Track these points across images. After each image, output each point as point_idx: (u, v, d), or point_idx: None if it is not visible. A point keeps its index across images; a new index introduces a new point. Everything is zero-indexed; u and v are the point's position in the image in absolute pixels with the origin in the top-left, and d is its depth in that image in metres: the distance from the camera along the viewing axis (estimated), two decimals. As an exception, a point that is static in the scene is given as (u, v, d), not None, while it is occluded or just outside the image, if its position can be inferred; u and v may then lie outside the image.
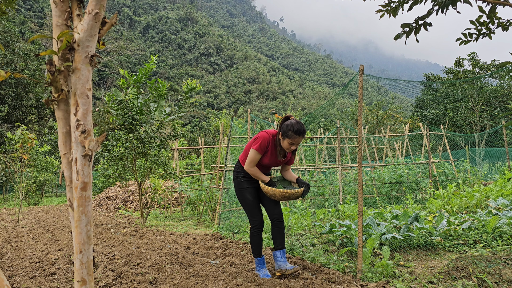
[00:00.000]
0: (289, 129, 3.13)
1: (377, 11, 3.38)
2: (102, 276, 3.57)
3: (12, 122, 22.72)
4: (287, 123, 3.18)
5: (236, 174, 3.57)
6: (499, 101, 21.78)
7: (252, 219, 3.46)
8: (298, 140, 3.16)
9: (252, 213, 3.45)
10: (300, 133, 3.12)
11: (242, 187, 3.51)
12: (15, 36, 22.65)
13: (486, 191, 6.46)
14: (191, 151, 22.69)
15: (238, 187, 3.54)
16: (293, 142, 3.15)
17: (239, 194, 3.54)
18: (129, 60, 74.59)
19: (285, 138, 3.17)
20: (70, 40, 1.14)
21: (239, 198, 3.55)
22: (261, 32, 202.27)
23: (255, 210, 3.45)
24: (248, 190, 3.49)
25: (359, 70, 3.54)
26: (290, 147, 3.20)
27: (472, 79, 23.19)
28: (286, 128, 3.15)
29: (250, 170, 3.35)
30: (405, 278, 3.26)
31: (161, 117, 7.50)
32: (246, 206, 3.48)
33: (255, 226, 3.43)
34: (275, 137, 3.32)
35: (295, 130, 3.11)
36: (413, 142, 16.51)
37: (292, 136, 3.12)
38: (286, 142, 3.18)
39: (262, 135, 3.28)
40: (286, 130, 3.15)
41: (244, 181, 3.51)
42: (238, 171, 3.56)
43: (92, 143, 1.15)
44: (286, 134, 3.15)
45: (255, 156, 3.29)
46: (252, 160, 3.30)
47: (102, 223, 8.09)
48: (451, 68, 25.38)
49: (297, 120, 3.19)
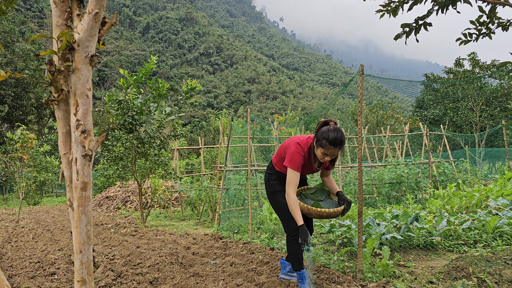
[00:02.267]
0: (324, 137, 2.69)
1: (377, 11, 3.37)
2: (102, 276, 3.57)
3: (12, 122, 22.72)
4: (323, 130, 2.74)
5: (268, 176, 3.24)
6: (499, 101, 21.78)
7: (287, 225, 3.02)
8: (333, 152, 2.71)
9: (285, 219, 3.04)
10: (335, 144, 2.66)
11: (275, 190, 3.16)
12: (15, 36, 22.65)
13: (486, 191, 6.46)
14: (191, 151, 22.69)
15: (270, 190, 3.20)
16: (326, 153, 2.73)
17: (271, 198, 3.19)
18: (129, 60, 74.57)
19: (318, 147, 2.77)
20: (70, 40, 1.14)
21: (271, 202, 3.20)
22: (261, 32, 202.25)
23: (289, 216, 3.00)
24: (282, 193, 3.10)
25: (359, 70, 3.53)
26: (324, 158, 2.78)
27: (472, 79, 23.20)
28: (321, 135, 2.73)
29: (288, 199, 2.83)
30: (405, 278, 3.26)
31: (161, 117, 7.50)
32: (280, 211, 3.09)
33: (291, 233, 2.99)
34: (310, 146, 2.91)
35: (330, 140, 2.66)
36: (413, 142, 16.50)
37: (326, 146, 2.70)
38: (320, 152, 2.77)
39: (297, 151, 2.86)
40: (320, 137, 2.73)
41: (277, 184, 3.18)
42: (270, 173, 3.23)
43: (92, 143, 1.15)
44: (319, 143, 2.74)
45: (294, 178, 2.84)
46: (292, 182, 2.85)
47: (102, 223, 8.09)
48: (451, 68, 25.38)
49: (335, 127, 2.71)
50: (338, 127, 2.72)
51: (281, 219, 3.09)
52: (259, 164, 10.99)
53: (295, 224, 2.93)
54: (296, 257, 2.99)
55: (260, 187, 8.70)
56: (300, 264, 3.00)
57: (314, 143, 2.82)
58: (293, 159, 2.85)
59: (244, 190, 8.13)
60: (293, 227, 2.96)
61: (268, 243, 4.91)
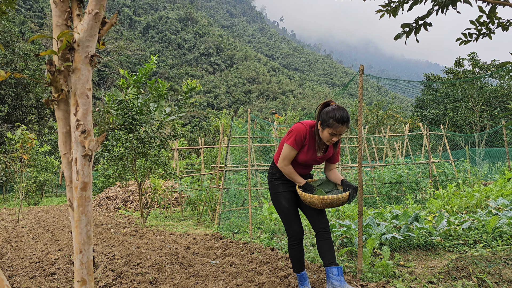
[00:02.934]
0: (330, 116, 2.66)
1: (377, 11, 3.38)
2: (102, 276, 3.57)
3: (12, 122, 22.72)
4: (327, 110, 2.71)
5: (271, 176, 3.10)
6: (499, 101, 21.78)
7: (288, 229, 2.95)
8: (341, 130, 2.67)
9: (287, 222, 2.95)
10: (343, 121, 2.65)
11: (277, 191, 3.03)
12: (15, 36, 22.65)
13: (486, 191, 6.46)
14: (191, 151, 22.69)
15: (273, 191, 3.06)
16: (334, 132, 2.68)
17: (274, 200, 3.06)
18: (129, 60, 74.58)
19: (325, 128, 2.70)
20: (70, 40, 1.14)
21: (274, 203, 3.07)
22: (261, 32, 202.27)
23: (291, 219, 2.94)
24: (284, 195, 3.00)
25: (359, 70, 3.53)
26: (331, 139, 2.72)
27: (472, 79, 23.20)
28: (326, 115, 2.68)
29: (284, 169, 2.87)
30: (405, 278, 3.26)
31: (161, 117, 7.50)
32: (281, 214, 2.99)
33: (292, 237, 2.94)
34: (313, 128, 2.84)
35: (338, 118, 2.63)
36: (413, 142, 16.50)
37: (334, 124, 2.65)
38: (326, 133, 2.70)
39: (297, 127, 2.81)
40: (326, 118, 2.68)
41: (279, 184, 3.02)
42: (272, 172, 3.10)
43: (92, 143, 1.15)
44: (326, 123, 2.68)
45: (290, 152, 2.82)
46: (286, 157, 2.84)
47: (102, 223, 8.09)
48: (451, 68, 25.39)
49: (338, 106, 2.72)
50: (340, 106, 2.72)
51: (283, 222, 3.01)
52: (259, 164, 10.99)
53: (297, 227, 2.92)
54: (296, 260, 2.96)
55: (260, 187, 8.70)
56: (300, 267, 2.97)
57: (319, 125, 2.75)
58: (292, 135, 2.80)
59: (244, 190, 8.13)
60: (295, 231, 2.92)
61: (268, 243, 4.92)
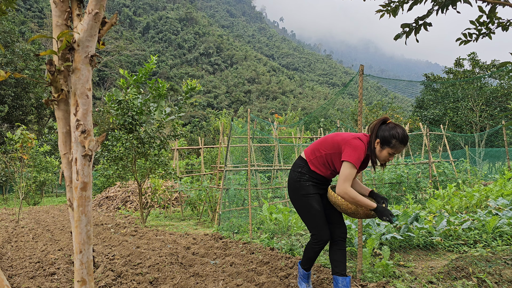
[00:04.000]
0: (394, 137, 2.52)
1: (377, 11, 3.38)
2: (102, 276, 3.57)
3: (12, 122, 22.72)
4: (389, 129, 2.55)
5: (299, 175, 2.80)
6: (499, 101, 21.78)
7: (318, 233, 2.75)
8: (401, 150, 2.58)
9: (318, 225, 2.75)
10: (406, 142, 2.55)
11: (308, 192, 2.76)
12: (15, 36, 22.65)
13: (486, 191, 6.46)
14: (191, 151, 22.69)
15: (301, 193, 2.78)
16: (394, 153, 2.57)
17: (301, 201, 2.79)
18: (129, 60, 74.60)
19: (385, 148, 2.56)
20: (70, 40, 1.14)
21: (299, 205, 2.81)
22: (261, 32, 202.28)
23: (322, 223, 2.75)
24: (316, 197, 2.77)
25: (359, 70, 3.54)
26: (388, 158, 2.60)
27: (472, 79, 23.20)
28: (390, 135, 2.53)
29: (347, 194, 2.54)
30: (405, 278, 3.26)
31: (161, 117, 7.50)
32: (312, 217, 2.76)
33: (319, 241, 2.75)
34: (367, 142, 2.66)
35: (401, 139, 2.52)
36: (413, 142, 16.50)
37: (397, 146, 2.53)
38: (386, 152, 2.57)
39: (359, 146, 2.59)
40: (389, 137, 2.53)
41: (310, 186, 2.77)
42: (301, 172, 2.80)
43: (92, 143, 1.15)
44: (388, 143, 2.54)
45: (352, 174, 2.55)
46: (350, 178, 2.55)
47: (102, 223, 8.09)
48: (451, 68, 25.39)
49: (396, 124, 2.59)
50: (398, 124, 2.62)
51: (310, 225, 2.78)
52: (259, 164, 10.98)
53: (328, 232, 2.76)
54: (311, 259, 2.89)
55: (260, 187, 8.70)
56: (311, 265, 2.96)
57: (377, 144, 2.60)
58: (355, 154, 2.56)
59: (244, 190, 8.13)
60: (326, 236, 2.75)
61: (268, 243, 4.91)
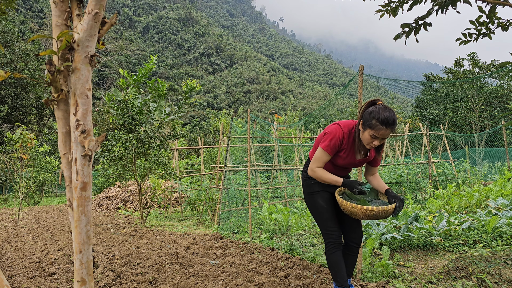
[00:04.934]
0: (373, 116, 2.31)
1: (377, 11, 3.38)
2: (102, 276, 3.57)
3: (12, 122, 22.72)
4: (371, 109, 2.36)
5: (305, 175, 2.76)
6: (499, 101, 21.78)
7: (326, 232, 2.61)
8: (384, 133, 2.31)
9: (325, 224, 2.62)
10: (388, 124, 2.28)
11: (313, 190, 2.70)
12: (15, 36, 22.65)
13: (486, 191, 6.46)
14: (191, 151, 22.69)
15: (308, 191, 2.74)
16: (376, 135, 2.33)
17: (308, 200, 2.73)
18: (129, 60, 74.60)
19: (366, 129, 2.36)
20: (70, 40, 1.14)
21: (308, 205, 2.75)
22: (261, 32, 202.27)
23: (329, 220, 2.61)
24: (321, 194, 2.67)
25: (359, 70, 3.54)
26: (372, 142, 2.37)
27: (472, 79, 23.20)
28: (369, 115, 2.34)
29: (315, 173, 2.55)
30: (405, 278, 3.26)
31: (160, 117, 7.50)
32: (318, 215, 2.66)
33: (330, 241, 2.59)
34: (353, 130, 2.51)
35: (382, 119, 2.28)
36: (413, 142, 16.52)
37: (376, 126, 2.30)
38: (367, 134, 2.36)
39: (334, 130, 2.49)
40: (368, 118, 2.34)
41: (315, 184, 2.70)
42: (307, 171, 2.74)
43: (92, 143, 1.15)
44: (368, 123, 2.34)
45: (322, 157, 2.52)
46: (318, 161, 2.53)
47: (102, 223, 8.08)
48: (451, 68, 25.39)
49: (385, 106, 2.35)
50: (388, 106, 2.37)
51: (319, 224, 2.68)
52: (259, 164, 10.98)
53: (337, 229, 2.61)
54: (339, 268, 2.56)
55: (260, 187, 8.70)
56: (342, 278, 2.54)
57: (360, 125, 2.43)
58: (326, 138, 2.49)
59: (244, 190, 8.13)
60: (335, 234, 2.59)
61: (268, 243, 4.91)
